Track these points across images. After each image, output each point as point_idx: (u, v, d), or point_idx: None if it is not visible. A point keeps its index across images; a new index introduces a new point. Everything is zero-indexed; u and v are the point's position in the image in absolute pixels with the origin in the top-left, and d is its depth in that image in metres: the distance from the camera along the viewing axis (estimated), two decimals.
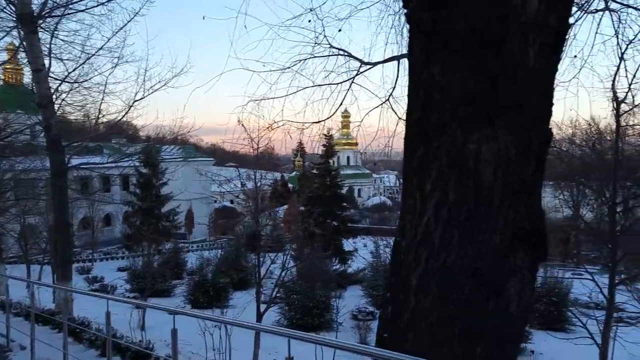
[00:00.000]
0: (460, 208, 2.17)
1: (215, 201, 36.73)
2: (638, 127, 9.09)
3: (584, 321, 7.71)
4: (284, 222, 30.36)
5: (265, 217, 25.30)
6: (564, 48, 2.25)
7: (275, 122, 6.78)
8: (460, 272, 2.23)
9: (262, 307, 10.61)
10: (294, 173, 63.75)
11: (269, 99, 6.29)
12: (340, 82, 6.02)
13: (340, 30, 5.51)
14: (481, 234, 2.19)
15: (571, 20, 4.99)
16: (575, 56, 5.23)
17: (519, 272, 2.32)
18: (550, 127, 2.31)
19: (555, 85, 2.26)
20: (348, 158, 79.32)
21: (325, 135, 27.73)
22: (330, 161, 32.12)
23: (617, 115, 5.76)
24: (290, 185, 57.11)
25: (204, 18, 7.62)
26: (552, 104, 2.27)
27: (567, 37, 2.19)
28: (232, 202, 38.51)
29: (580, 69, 5.39)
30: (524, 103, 2.09)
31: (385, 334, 2.54)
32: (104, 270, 30.12)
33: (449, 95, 2.10)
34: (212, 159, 50.90)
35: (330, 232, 26.98)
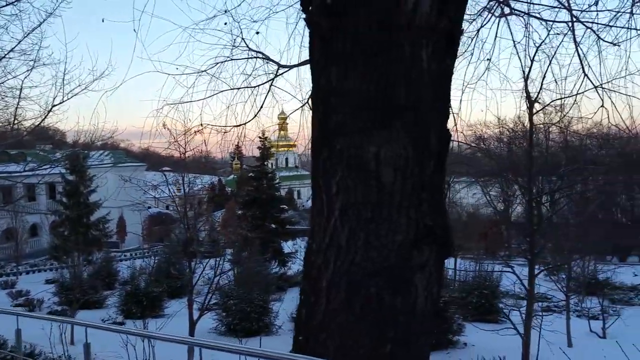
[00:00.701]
0: (365, 209, 2.20)
1: (149, 207, 35.58)
2: (555, 125, 9.62)
3: (508, 312, 8.07)
4: (222, 227, 29.90)
5: (202, 222, 24.82)
6: (458, 51, 2.33)
7: (201, 126, 6.63)
8: (366, 272, 2.27)
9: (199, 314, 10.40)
10: (231, 176, 62.83)
11: (186, 102, 6.15)
12: (258, 85, 5.97)
13: (258, 33, 5.46)
14: (385, 233, 2.23)
15: (479, 24, 5.24)
16: (489, 59, 5.46)
17: (425, 269, 2.39)
18: (447, 127, 2.40)
19: (465, 87, 2.36)
20: (286, 160, 79.24)
21: (261, 137, 27.56)
22: (268, 163, 31.93)
23: (530, 114, 6.09)
24: (228, 188, 56.28)
25: (103, 21, 7.37)
26: (449, 105, 2.36)
27: (459, 40, 2.27)
28: (167, 207, 37.45)
29: (486, 70, 5.64)
30: (419, 105, 2.15)
31: (300, 337, 2.55)
32: (30, 283, 28.46)
33: (346, 99, 2.13)
34: (144, 164, 49.30)
35: (267, 235, 26.82)
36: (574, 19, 4.74)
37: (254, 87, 5.89)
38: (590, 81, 5.28)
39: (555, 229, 19.20)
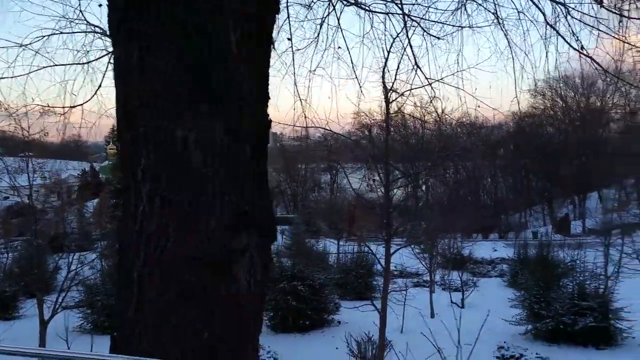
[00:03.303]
0: (175, 195, 2.12)
1: (7, 197, 32.17)
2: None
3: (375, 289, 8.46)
4: (95, 217, 27.99)
5: (71, 212, 23.03)
6: (273, 36, 2.32)
7: (24, 106, 5.98)
8: (181, 259, 2.19)
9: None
10: (106, 162, 58.24)
11: (4, 78, 5.47)
12: (90, 61, 5.51)
13: (101, 6, 5.04)
14: (199, 219, 2.17)
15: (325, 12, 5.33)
16: (339, 47, 5.58)
17: (245, 254, 2.37)
18: (267, 113, 2.39)
19: (312, 73, 2.34)
20: None
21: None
22: None
23: (387, 103, 6.36)
24: (102, 176, 52.42)
25: None
26: (266, 91, 2.34)
27: (272, 24, 2.26)
28: (29, 197, 34.07)
29: (337, 59, 5.75)
30: (230, 89, 2.11)
31: (115, 332, 2.42)
32: None
33: (151, 78, 2.02)
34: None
35: None
36: (406, 15, 5.03)
37: (85, 63, 5.38)
38: (423, 73, 5.64)
39: (425, 211, 20.69)
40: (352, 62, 5.39)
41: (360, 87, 5.49)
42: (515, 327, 10.85)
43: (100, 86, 5.46)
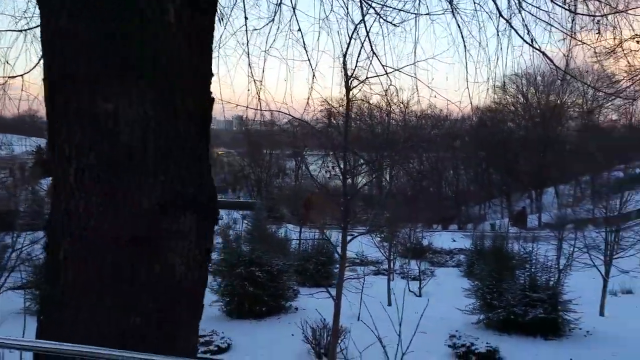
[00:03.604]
0: (103, 172, 1.99)
1: None
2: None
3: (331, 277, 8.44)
4: (49, 196, 27.00)
5: (25, 190, 22.17)
6: (216, 8, 2.19)
7: None
8: (110, 240, 2.07)
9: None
10: None
11: None
12: (36, 27, 5.12)
13: None
14: (129, 199, 2.05)
15: None
16: (299, 29, 5.42)
17: (181, 236, 2.26)
18: (210, 90, 2.27)
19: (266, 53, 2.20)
20: None
21: None
22: None
23: (347, 90, 6.27)
24: None
25: None
26: (207, 67, 2.21)
27: None
28: None
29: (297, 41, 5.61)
30: (168, 62, 1.97)
31: (42, 316, 2.27)
32: None
33: (77, 49, 1.87)
34: None
35: None
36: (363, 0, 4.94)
37: (25, 30, 4.95)
38: (380, 62, 5.58)
39: (388, 200, 20.85)
40: (304, 44, 5.23)
41: (314, 71, 5.38)
42: (469, 317, 11.07)
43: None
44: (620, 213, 15.59)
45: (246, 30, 5.09)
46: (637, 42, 6.00)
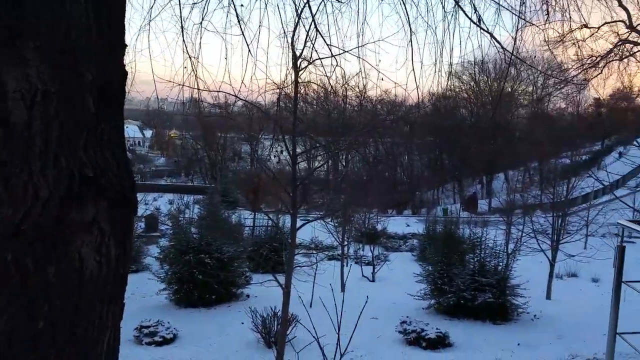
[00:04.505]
0: None
1: None
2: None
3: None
4: None
5: None
6: None
7: None
8: (9, 235, 1.75)
9: None
10: None
11: None
12: None
13: None
14: (23, 187, 1.72)
15: None
16: (242, 5, 5.08)
17: (91, 228, 1.95)
18: (122, 63, 1.95)
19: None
20: None
21: None
22: None
23: (296, 71, 5.99)
24: None
25: None
26: (119, 36, 1.90)
27: None
28: None
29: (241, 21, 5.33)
30: (68, 29, 1.65)
31: None
32: None
33: None
34: None
35: None
36: None
37: None
38: (326, 42, 5.32)
39: (343, 185, 20.79)
40: (237, 14, 4.88)
41: (249, 49, 5.05)
42: (420, 302, 11.13)
43: None
44: (566, 199, 16.04)
45: (179, 3, 4.71)
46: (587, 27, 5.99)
